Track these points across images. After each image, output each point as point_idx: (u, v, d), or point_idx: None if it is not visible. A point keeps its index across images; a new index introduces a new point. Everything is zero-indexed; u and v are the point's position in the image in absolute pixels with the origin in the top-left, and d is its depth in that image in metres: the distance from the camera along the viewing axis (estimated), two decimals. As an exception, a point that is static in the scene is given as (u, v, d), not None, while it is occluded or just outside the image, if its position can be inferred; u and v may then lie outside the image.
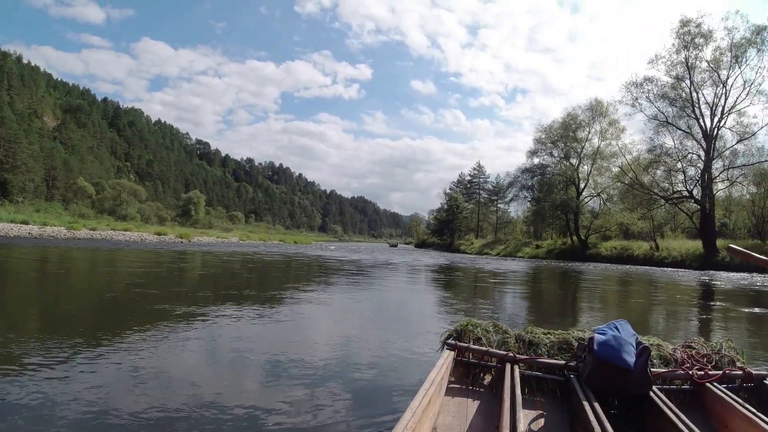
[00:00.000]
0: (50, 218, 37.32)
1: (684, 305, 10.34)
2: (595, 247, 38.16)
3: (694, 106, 30.80)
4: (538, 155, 46.02)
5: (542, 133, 44.86)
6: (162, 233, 37.36)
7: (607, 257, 35.05)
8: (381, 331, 5.72)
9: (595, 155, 40.93)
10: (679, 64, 31.03)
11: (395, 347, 4.59)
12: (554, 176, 44.65)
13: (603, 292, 13.04)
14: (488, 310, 8.11)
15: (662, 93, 31.62)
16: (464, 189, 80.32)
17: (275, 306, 7.22)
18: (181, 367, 3.68)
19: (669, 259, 30.15)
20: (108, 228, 37.41)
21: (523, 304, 10.11)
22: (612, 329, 2.43)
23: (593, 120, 40.91)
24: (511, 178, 50.76)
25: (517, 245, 49.62)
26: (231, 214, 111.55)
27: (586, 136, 41.74)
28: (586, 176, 42.43)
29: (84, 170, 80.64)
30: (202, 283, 10.68)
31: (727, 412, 2.10)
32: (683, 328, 7.14)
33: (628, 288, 14.64)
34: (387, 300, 9.19)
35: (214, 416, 2.66)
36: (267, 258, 21.72)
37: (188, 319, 5.49)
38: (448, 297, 10.50)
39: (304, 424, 2.62)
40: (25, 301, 7.11)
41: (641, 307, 9.77)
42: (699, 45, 30.11)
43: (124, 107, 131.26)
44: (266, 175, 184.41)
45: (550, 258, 39.97)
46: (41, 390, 2.89)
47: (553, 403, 2.38)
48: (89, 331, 4.85)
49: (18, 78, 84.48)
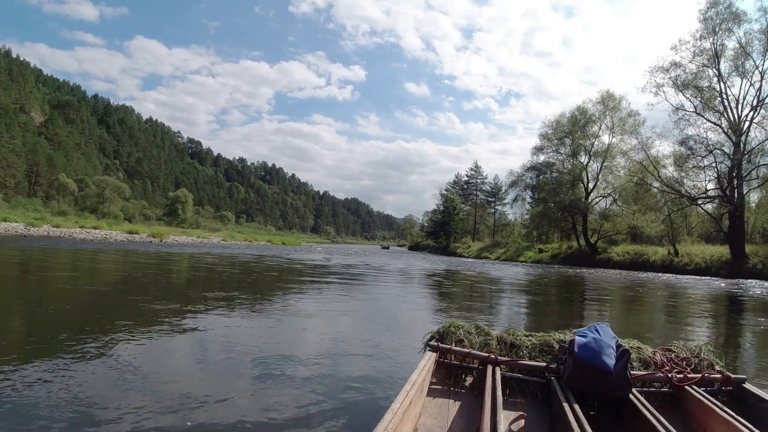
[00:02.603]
0: (13, 214, 34.22)
1: (732, 324, 8.33)
2: (605, 252, 35.27)
3: (722, 97, 27.78)
4: (544, 152, 42.74)
5: (548, 128, 41.74)
6: (134, 232, 34.30)
7: (619, 263, 32.25)
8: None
9: (606, 152, 37.87)
10: (705, 51, 28.04)
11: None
12: (562, 175, 41.30)
13: (638, 305, 10.82)
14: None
15: (688, 81, 28.33)
16: (460, 190, 77.59)
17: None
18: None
19: (691, 266, 27.40)
20: (76, 225, 34.46)
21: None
22: (593, 332, 2.40)
23: (604, 114, 37.96)
24: (515, 177, 46.61)
25: (518, 249, 46.69)
26: (221, 214, 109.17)
27: (596, 131, 38.77)
28: (595, 175, 39.31)
29: (69, 167, 78.74)
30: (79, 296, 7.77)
31: (705, 414, 2.09)
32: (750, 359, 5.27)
33: (661, 300, 11.96)
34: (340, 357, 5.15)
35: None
36: (232, 261, 18.83)
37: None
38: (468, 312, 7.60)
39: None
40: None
41: (691, 324, 7.80)
42: (728, 29, 27.28)
43: (115, 105, 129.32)
44: (259, 175, 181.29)
45: (555, 263, 37.22)
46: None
47: (533, 405, 2.36)
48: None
49: (6, 72, 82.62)
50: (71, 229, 31.05)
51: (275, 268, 16.35)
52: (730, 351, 5.25)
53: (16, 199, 61.32)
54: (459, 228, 70.97)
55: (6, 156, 66.37)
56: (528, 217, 56.68)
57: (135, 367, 3.41)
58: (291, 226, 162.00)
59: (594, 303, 11.06)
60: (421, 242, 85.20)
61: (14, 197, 62.04)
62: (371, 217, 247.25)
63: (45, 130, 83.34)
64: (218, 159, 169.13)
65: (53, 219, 35.57)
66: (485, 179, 76.09)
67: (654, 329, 7.29)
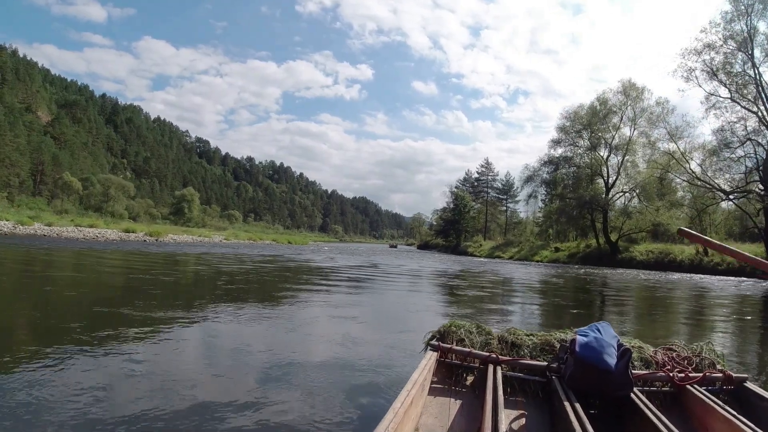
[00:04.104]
0: (6, 213, 32.98)
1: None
2: (626, 251, 33.12)
3: (757, 83, 25.48)
4: (562, 145, 40.14)
5: (566, 120, 39.24)
6: (130, 230, 32.85)
7: (642, 263, 30.17)
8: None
9: (627, 145, 35.48)
10: (736, 34, 25.68)
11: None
12: (580, 169, 38.79)
13: (691, 312, 8.81)
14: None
15: (720, 65, 26.08)
16: (471, 187, 75.50)
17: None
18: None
19: (723, 266, 25.32)
20: (71, 224, 33.05)
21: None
22: (594, 331, 2.40)
23: (626, 105, 35.54)
24: (530, 172, 43.52)
25: (533, 248, 44.55)
26: (228, 213, 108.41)
27: (617, 123, 36.30)
28: (616, 169, 36.82)
29: (75, 166, 78.30)
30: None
31: (707, 414, 2.09)
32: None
33: (711, 306, 10.04)
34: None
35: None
36: (222, 261, 17.28)
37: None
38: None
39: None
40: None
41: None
42: (761, 12, 25.06)
43: (123, 104, 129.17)
44: (267, 174, 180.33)
45: (572, 262, 35.18)
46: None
47: (534, 404, 2.35)
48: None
49: (12, 72, 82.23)
50: (63, 228, 29.67)
51: (264, 271, 14.74)
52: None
53: (20, 198, 60.85)
54: (470, 226, 68.96)
55: (9, 155, 65.93)
56: (541, 215, 54.62)
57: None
58: (299, 225, 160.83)
59: (651, 310, 9.24)
60: (430, 241, 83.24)
61: (18, 196, 61.68)
62: (379, 215, 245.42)
63: (51, 129, 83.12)
64: (226, 158, 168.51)
65: (48, 217, 34.26)
66: (496, 176, 74.09)
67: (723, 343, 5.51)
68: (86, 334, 4.29)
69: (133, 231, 32.65)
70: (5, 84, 77.73)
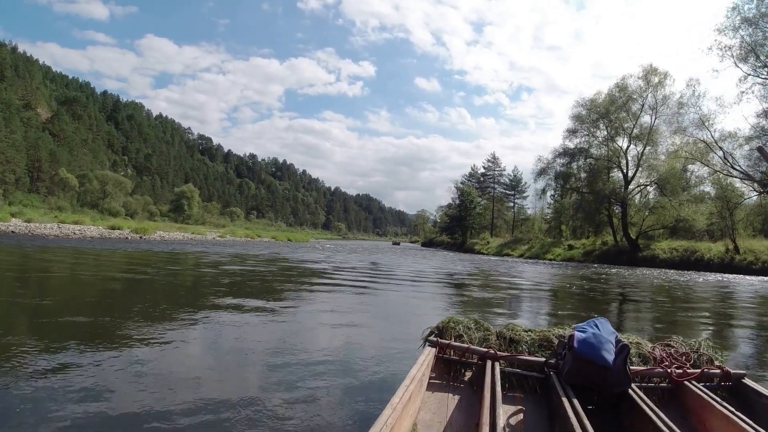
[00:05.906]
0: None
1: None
2: (647, 249, 30.79)
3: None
4: (577, 135, 37.25)
5: (582, 108, 36.53)
6: (115, 227, 30.90)
7: (665, 261, 27.91)
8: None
9: (648, 134, 32.88)
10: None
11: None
12: (597, 161, 36.23)
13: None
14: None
15: (758, 43, 23.38)
16: (477, 183, 73.11)
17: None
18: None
19: (758, 265, 23.07)
20: (55, 220, 31.21)
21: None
22: (592, 327, 2.32)
23: (647, 92, 32.95)
24: (544, 164, 39.84)
25: (544, 245, 42.20)
26: (230, 210, 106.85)
27: (637, 111, 33.71)
28: (636, 160, 34.13)
29: (74, 162, 76.97)
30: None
31: (705, 410, 2.07)
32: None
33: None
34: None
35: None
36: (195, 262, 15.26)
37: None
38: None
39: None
40: None
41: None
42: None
43: (124, 101, 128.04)
44: (269, 171, 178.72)
45: (588, 261, 32.90)
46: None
47: (532, 400, 2.33)
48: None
49: (12, 69, 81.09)
50: (41, 225, 27.75)
51: (242, 273, 12.69)
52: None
53: (15, 194, 59.35)
54: (476, 223, 66.66)
55: (4, 151, 64.48)
56: (551, 210, 52.21)
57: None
58: (302, 222, 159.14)
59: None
60: (434, 238, 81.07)
61: (14, 193, 60.25)
62: (383, 213, 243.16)
63: (50, 125, 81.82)
64: (229, 155, 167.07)
65: (31, 213, 32.46)
66: (503, 171, 71.72)
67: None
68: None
69: (119, 228, 30.69)
70: (4, 81, 76.62)
